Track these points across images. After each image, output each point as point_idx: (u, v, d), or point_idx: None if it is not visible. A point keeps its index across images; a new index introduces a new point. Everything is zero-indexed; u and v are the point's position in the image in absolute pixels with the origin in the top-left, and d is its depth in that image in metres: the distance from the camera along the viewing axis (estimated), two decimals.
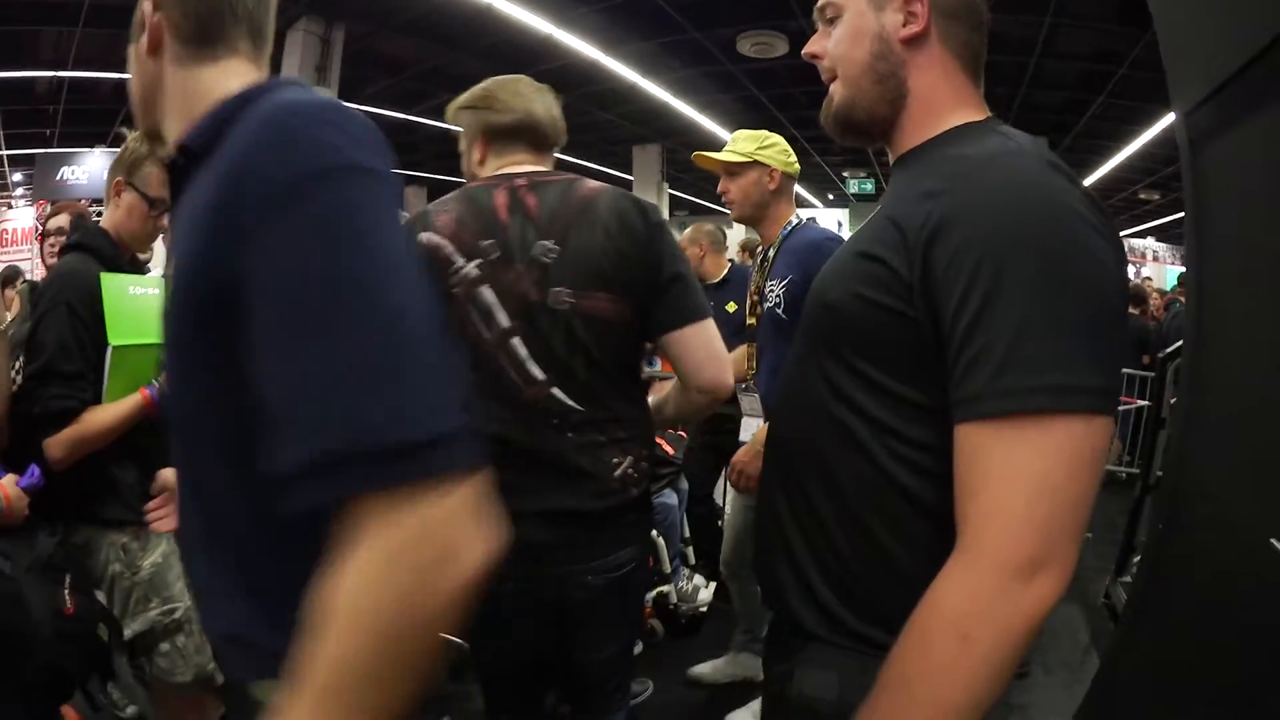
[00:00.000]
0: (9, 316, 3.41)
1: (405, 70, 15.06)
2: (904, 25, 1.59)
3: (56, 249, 4.05)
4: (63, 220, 4.40)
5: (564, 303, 2.30)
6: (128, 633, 3.05)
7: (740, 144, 3.90)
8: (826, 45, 1.71)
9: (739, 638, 4.81)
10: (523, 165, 2.51)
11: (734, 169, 3.91)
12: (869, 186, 22.87)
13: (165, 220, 2.93)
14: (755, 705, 4.51)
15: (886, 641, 1.37)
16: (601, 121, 17.96)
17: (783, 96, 16.09)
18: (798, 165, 4.01)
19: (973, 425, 1.29)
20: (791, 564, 1.61)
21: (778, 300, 3.72)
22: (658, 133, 19.03)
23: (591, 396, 2.36)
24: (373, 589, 0.97)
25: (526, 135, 2.55)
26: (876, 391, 1.46)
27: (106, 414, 2.74)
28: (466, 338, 2.28)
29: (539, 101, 2.58)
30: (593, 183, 2.47)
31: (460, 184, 2.55)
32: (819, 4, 1.72)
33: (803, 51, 1.77)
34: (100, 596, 2.99)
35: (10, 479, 2.43)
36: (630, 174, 20.83)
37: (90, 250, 2.95)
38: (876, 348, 1.46)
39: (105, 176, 3.09)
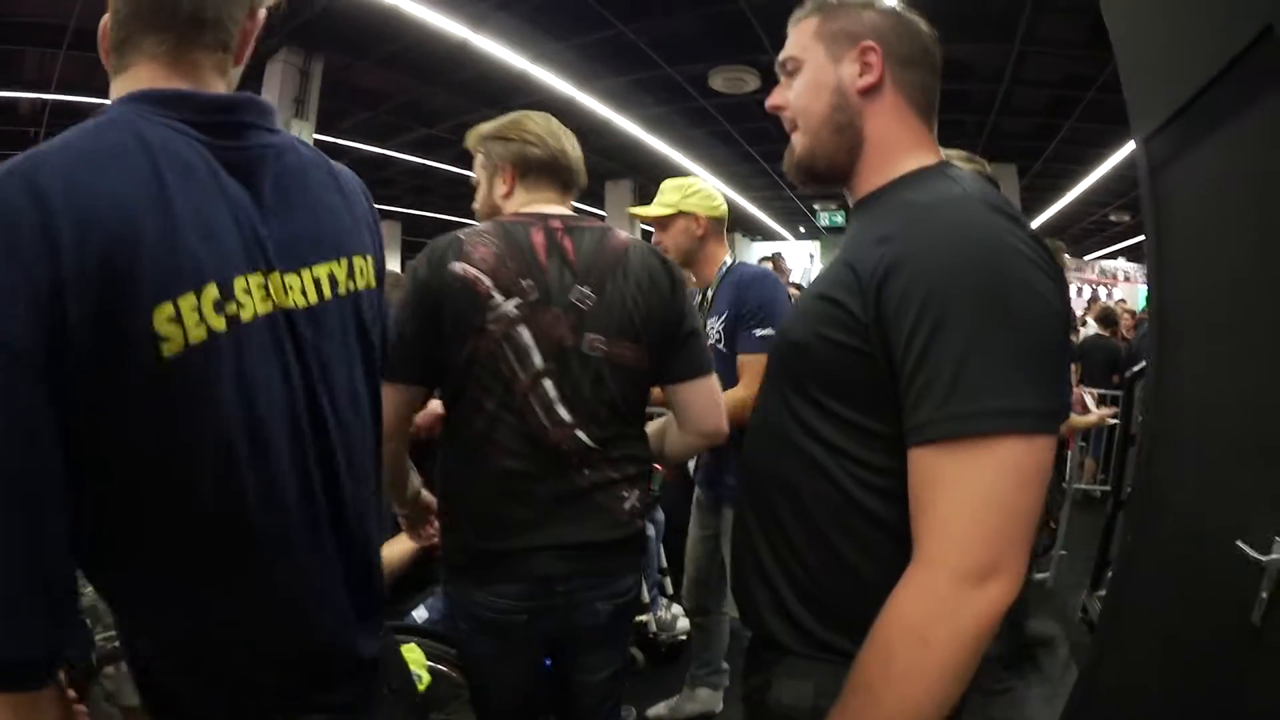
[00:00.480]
0: None
1: (383, 103, 15.07)
2: (860, 76, 1.70)
3: None
4: None
5: (597, 349, 2.43)
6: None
7: (666, 195, 4.11)
8: (789, 96, 1.81)
9: (695, 671, 4.86)
10: (552, 205, 2.61)
11: (663, 221, 4.10)
12: (839, 219, 22.78)
13: None
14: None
15: (855, 650, 1.46)
16: None
17: (755, 130, 16.13)
18: (723, 208, 4.21)
19: (924, 449, 1.40)
20: (765, 582, 1.71)
21: (718, 336, 3.88)
22: (630, 168, 19.05)
23: (610, 438, 2.47)
24: None
25: (558, 173, 2.65)
26: (839, 422, 1.57)
27: None
28: (499, 374, 2.36)
29: (569, 141, 2.69)
30: (622, 233, 2.60)
31: (435, 219, 2.68)
32: (781, 58, 1.82)
33: (767, 104, 1.88)
34: None
35: None
36: (603, 209, 20.82)
37: None
38: (838, 383, 1.57)
39: None
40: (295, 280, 1.48)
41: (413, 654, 2.30)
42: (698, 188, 4.14)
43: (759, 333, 3.68)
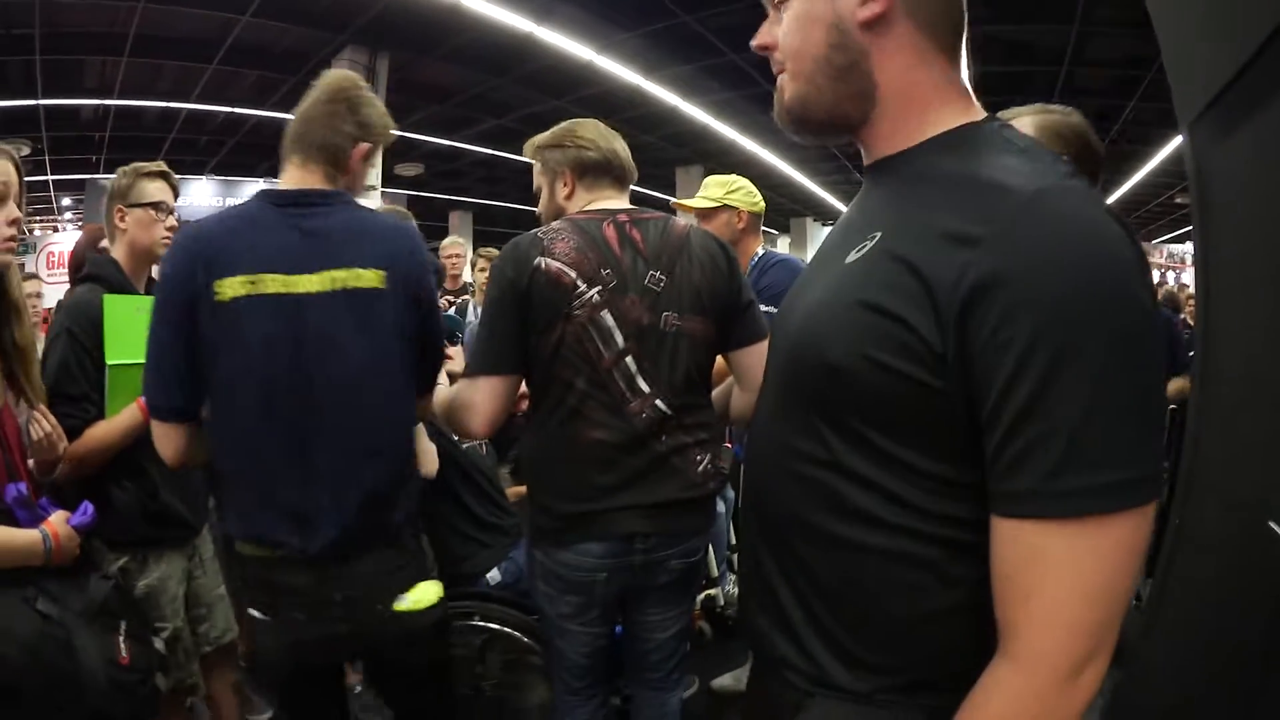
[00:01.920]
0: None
1: (450, 97, 15.23)
2: (862, 4, 1.30)
3: None
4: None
5: (672, 325, 2.61)
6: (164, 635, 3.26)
7: (710, 190, 4.35)
8: (777, 33, 1.42)
9: None
10: (613, 200, 2.79)
11: (706, 214, 4.31)
12: None
13: (175, 219, 3.23)
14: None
15: (898, 696, 1.31)
16: (644, 144, 17.89)
17: None
18: (762, 205, 4.45)
19: (1024, 523, 1.14)
20: (783, 625, 1.46)
21: None
22: (699, 154, 19.11)
23: (684, 405, 2.64)
24: None
25: (613, 171, 2.81)
26: (892, 463, 1.27)
27: (105, 427, 2.86)
28: (585, 355, 2.55)
29: (618, 142, 2.86)
30: (680, 220, 2.79)
31: (506, 208, 2.84)
32: None
33: (752, 43, 1.50)
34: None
35: (61, 516, 2.35)
36: (674, 195, 20.48)
37: (99, 279, 3.12)
38: (892, 417, 1.26)
39: None
40: (310, 279, 2.28)
41: None
42: (740, 184, 4.39)
43: (762, 308, 3.78)
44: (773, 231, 31.38)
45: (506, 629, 3.38)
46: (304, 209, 2.35)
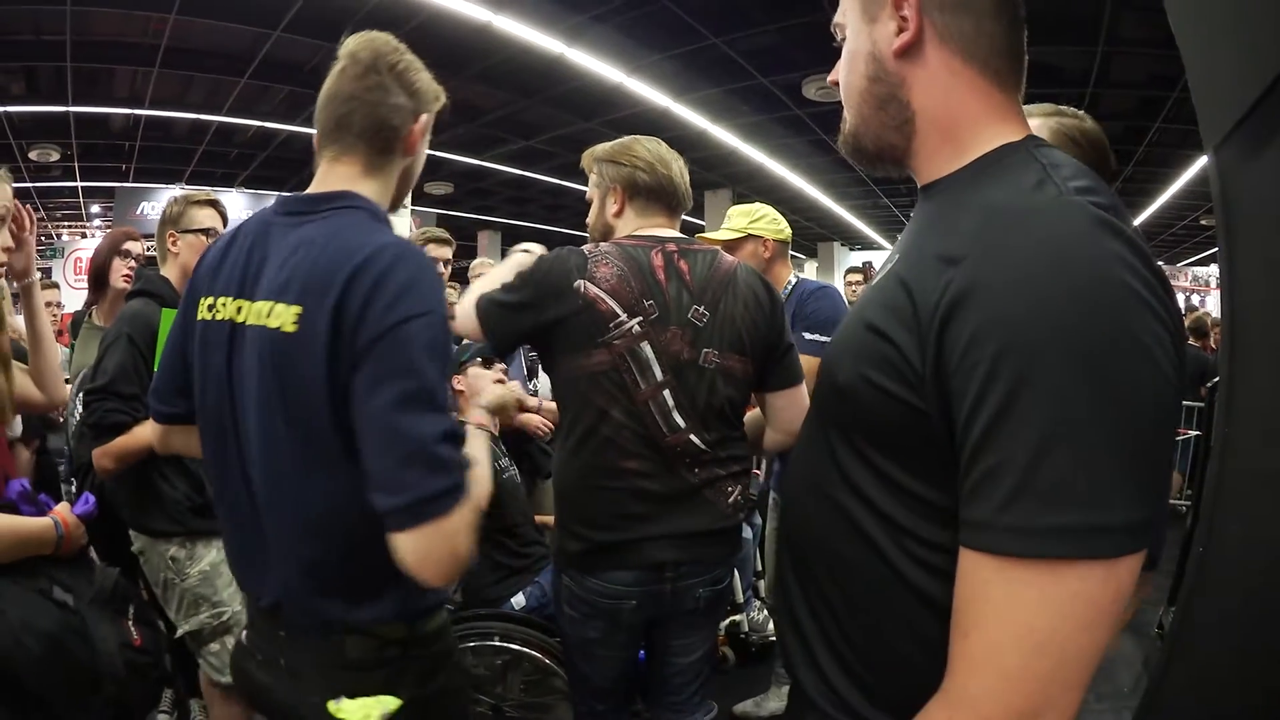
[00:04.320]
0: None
1: (479, 116, 15.27)
2: (896, 35, 1.35)
3: (134, 270, 4.27)
4: (144, 248, 4.36)
5: (711, 362, 2.63)
6: (180, 632, 3.35)
7: (735, 221, 4.40)
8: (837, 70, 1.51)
9: (780, 670, 4.99)
10: (663, 228, 2.80)
11: (732, 245, 4.29)
12: None
13: None
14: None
15: None
16: None
17: None
18: (788, 231, 4.48)
19: (976, 555, 1.11)
20: (802, 644, 1.48)
21: None
22: (728, 177, 19.10)
23: (717, 440, 2.66)
24: None
25: (665, 198, 2.83)
26: (888, 485, 1.28)
27: (149, 426, 2.87)
28: (622, 385, 2.55)
29: (676, 166, 2.86)
30: (728, 256, 2.79)
31: (532, 229, 2.83)
32: (834, 24, 1.51)
33: (828, 79, 1.57)
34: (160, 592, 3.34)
35: (65, 506, 2.41)
36: (702, 219, 20.82)
37: (153, 295, 3.39)
38: (888, 438, 1.28)
39: None
40: (250, 306, 1.88)
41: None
42: (763, 212, 4.45)
43: (807, 335, 3.96)
44: (800, 256, 31.34)
45: (529, 650, 3.41)
46: (298, 217, 1.93)
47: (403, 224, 12.73)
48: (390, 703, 1.85)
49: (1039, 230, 1.10)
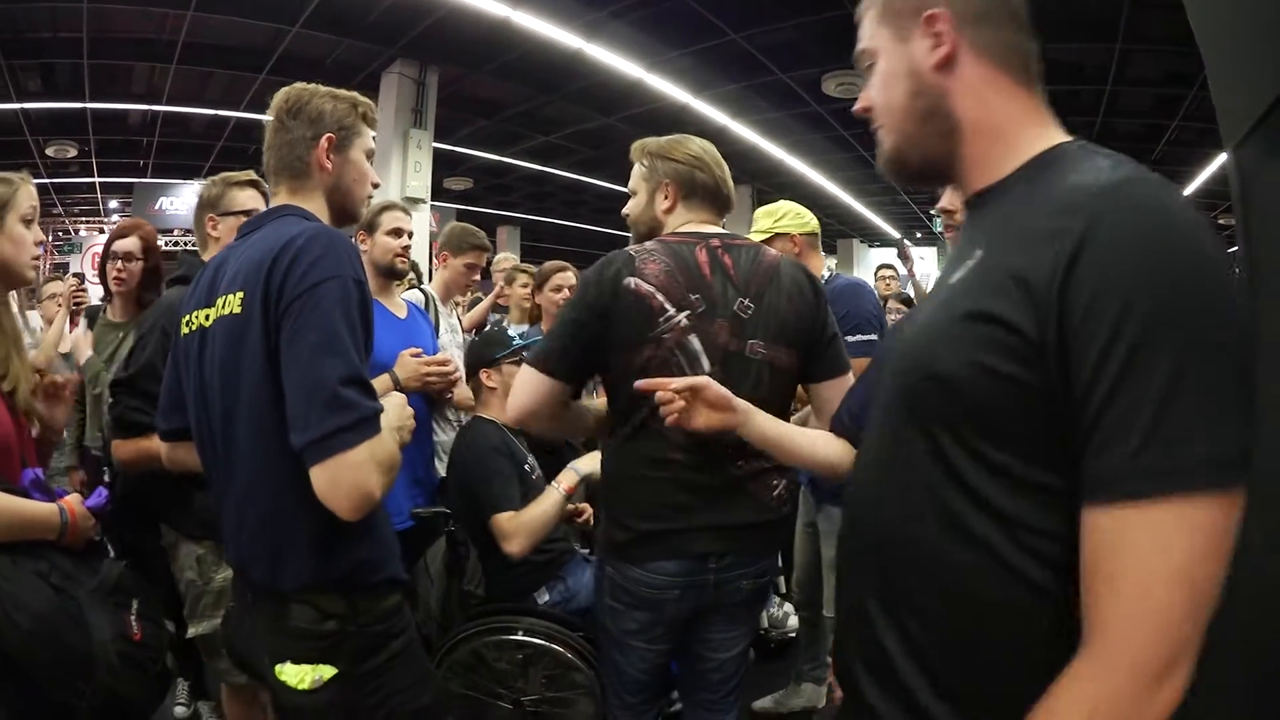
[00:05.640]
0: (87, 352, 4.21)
1: (498, 112, 15.30)
2: (932, 51, 1.42)
3: (123, 273, 4.26)
4: (131, 244, 4.31)
5: (757, 353, 2.65)
6: (192, 632, 3.32)
7: (760, 223, 4.45)
8: (871, 95, 1.55)
9: (802, 667, 4.98)
10: (710, 225, 2.81)
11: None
12: None
13: None
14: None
15: None
16: None
17: (869, 135, 15.98)
18: (814, 223, 4.47)
19: (1109, 509, 1.11)
20: (883, 668, 1.39)
21: None
22: (747, 173, 18.99)
23: None
24: None
25: (717, 199, 2.85)
26: (1001, 476, 1.24)
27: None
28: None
29: (726, 170, 2.88)
30: (771, 250, 2.81)
31: (552, 224, 2.81)
32: (855, 53, 1.58)
33: (855, 109, 1.61)
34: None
35: (76, 497, 2.42)
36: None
37: (191, 281, 3.19)
38: (1001, 426, 1.24)
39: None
40: (211, 309, 2.17)
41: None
42: (786, 209, 4.47)
43: (851, 339, 3.85)
44: (819, 253, 31.32)
45: (551, 645, 3.41)
46: (250, 234, 2.27)
47: (422, 219, 12.73)
48: (326, 671, 2.08)
49: (1139, 196, 1.16)
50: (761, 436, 2.31)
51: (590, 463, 3.46)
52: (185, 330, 2.26)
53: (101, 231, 21.69)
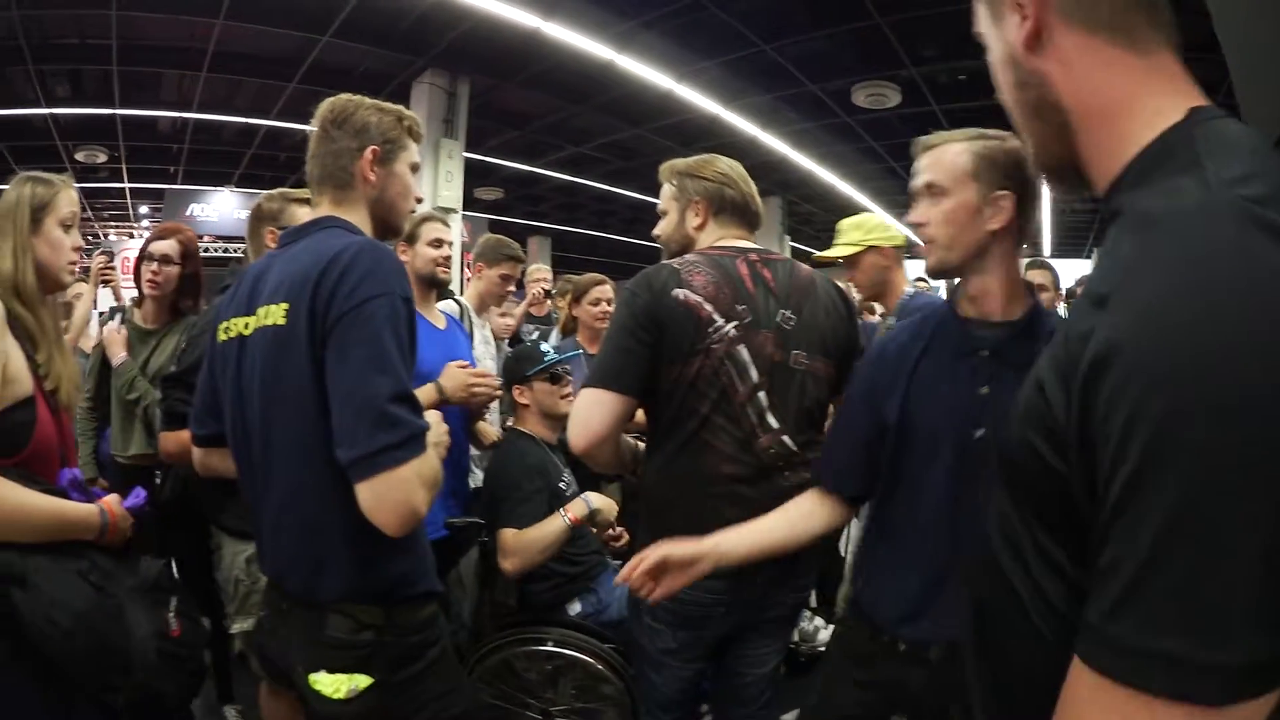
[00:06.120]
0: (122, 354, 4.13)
1: (529, 122, 15.34)
2: (1020, 26, 1.15)
3: (158, 275, 4.17)
4: (169, 247, 4.22)
5: (801, 363, 2.65)
6: (236, 628, 3.40)
7: (849, 235, 4.26)
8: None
9: None
10: (743, 240, 2.81)
11: (852, 259, 4.23)
12: None
13: None
14: None
15: None
16: None
17: (899, 146, 16.00)
18: (902, 236, 4.30)
19: (1077, 661, 0.92)
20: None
21: None
22: (777, 185, 19.00)
23: (806, 442, 2.64)
24: None
25: (747, 215, 2.86)
26: (1044, 559, 1.09)
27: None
28: (721, 388, 2.55)
29: (754, 187, 2.90)
30: (803, 265, 2.82)
31: (582, 234, 2.81)
32: (976, 33, 1.31)
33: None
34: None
35: (114, 498, 2.43)
36: None
37: None
38: (1044, 510, 1.08)
39: (235, 216, 3.48)
40: (249, 320, 2.19)
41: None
42: (876, 221, 4.33)
43: None
44: None
45: (581, 656, 3.41)
46: (291, 245, 2.27)
47: (454, 229, 12.80)
48: (362, 680, 2.11)
49: (1176, 247, 0.89)
50: (740, 556, 2.30)
51: (603, 500, 3.50)
52: (223, 337, 2.27)
53: (131, 236, 21.85)
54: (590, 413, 2.57)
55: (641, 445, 2.92)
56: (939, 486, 2.14)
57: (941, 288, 9.32)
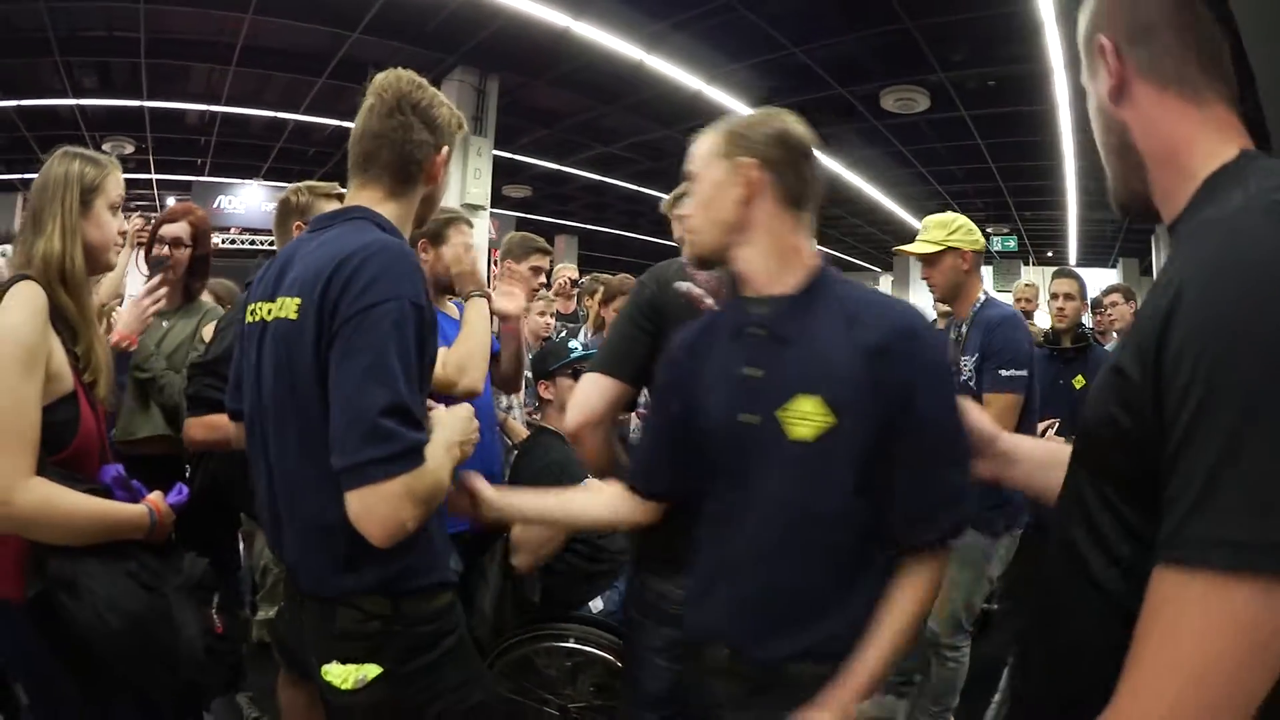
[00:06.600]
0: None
1: (558, 121, 15.37)
2: (1107, 82, 1.35)
3: (171, 260, 4.11)
4: (180, 229, 4.18)
5: None
6: (263, 614, 3.47)
7: (931, 233, 4.16)
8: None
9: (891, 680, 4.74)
10: None
11: (931, 258, 4.16)
12: (1012, 243, 22.39)
13: None
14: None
15: None
16: None
17: (927, 151, 16.00)
18: (983, 241, 4.21)
19: (1157, 569, 1.02)
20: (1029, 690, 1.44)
21: (970, 374, 3.95)
22: None
23: None
24: None
25: None
26: (1121, 525, 1.18)
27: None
28: None
29: None
30: None
31: (609, 234, 2.83)
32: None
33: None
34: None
35: (158, 495, 2.43)
36: None
37: None
38: (1126, 481, 1.17)
39: (263, 208, 3.46)
40: (269, 305, 2.14)
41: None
42: (960, 222, 4.20)
43: (1005, 373, 3.81)
44: (875, 269, 31.17)
45: (600, 653, 3.41)
46: (320, 231, 2.20)
47: (481, 226, 12.82)
48: (370, 670, 2.08)
49: (1229, 234, 1.06)
50: (521, 514, 2.51)
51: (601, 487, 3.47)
52: (250, 318, 2.23)
53: None
54: (589, 393, 2.63)
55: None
56: (716, 480, 2.07)
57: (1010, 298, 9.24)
